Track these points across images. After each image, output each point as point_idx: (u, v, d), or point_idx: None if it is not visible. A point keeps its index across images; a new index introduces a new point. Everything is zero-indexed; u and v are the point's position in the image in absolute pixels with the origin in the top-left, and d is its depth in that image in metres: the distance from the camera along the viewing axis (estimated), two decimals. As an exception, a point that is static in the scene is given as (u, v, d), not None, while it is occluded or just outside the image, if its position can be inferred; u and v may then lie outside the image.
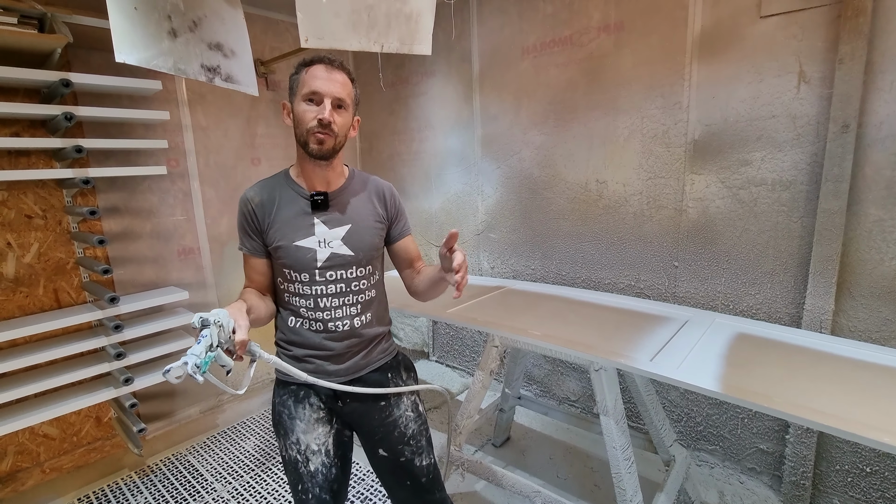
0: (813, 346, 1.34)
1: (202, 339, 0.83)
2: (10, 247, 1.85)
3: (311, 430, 1.13)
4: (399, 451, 1.20)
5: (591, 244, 2.24)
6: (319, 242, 1.09)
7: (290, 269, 1.09)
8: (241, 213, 1.11)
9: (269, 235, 1.09)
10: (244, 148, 2.60)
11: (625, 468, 1.40)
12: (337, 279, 1.10)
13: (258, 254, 1.12)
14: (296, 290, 1.11)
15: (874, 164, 1.51)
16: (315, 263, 1.08)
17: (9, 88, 1.78)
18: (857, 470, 1.66)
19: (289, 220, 1.09)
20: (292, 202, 1.10)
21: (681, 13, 1.81)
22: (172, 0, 1.42)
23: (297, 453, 1.12)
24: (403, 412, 1.21)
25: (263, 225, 1.09)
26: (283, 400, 1.15)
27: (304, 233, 1.08)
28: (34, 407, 1.80)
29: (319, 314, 1.11)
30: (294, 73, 1.07)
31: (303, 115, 1.03)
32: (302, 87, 1.04)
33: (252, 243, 1.12)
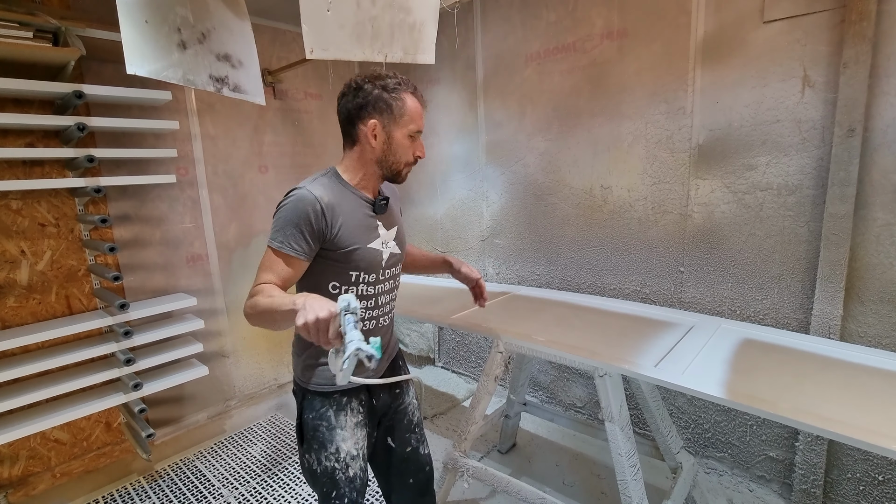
0: (821, 352, 1.33)
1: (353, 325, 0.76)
2: (24, 254, 1.88)
3: (352, 435, 1.13)
4: (406, 441, 1.26)
5: (596, 250, 2.23)
6: (383, 244, 1.13)
7: (361, 272, 1.10)
8: (304, 212, 1.00)
9: (339, 239, 1.04)
10: (252, 156, 2.63)
11: (630, 475, 1.39)
12: (391, 276, 1.17)
13: (305, 256, 1.03)
14: (360, 291, 1.11)
15: (881, 168, 1.50)
16: (381, 264, 1.13)
17: (24, 100, 1.83)
18: (869, 478, 1.64)
19: (358, 224, 1.09)
20: (357, 206, 1.10)
21: (684, 19, 1.82)
22: (182, 13, 1.45)
23: (336, 462, 1.10)
24: (411, 399, 1.30)
25: (333, 227, 1.03)
26: (322, 413, 1.11)
27: (373, 235, 1.11)
28: (46, 412, 1.82)
29: (376, 311, 1.16)
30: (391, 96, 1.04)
31: (406, 148, 1.09)
32: (409, 122, 1.06)
33: (304, 245, 1.01)
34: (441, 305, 1.96)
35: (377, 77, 1.05)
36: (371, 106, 1.04)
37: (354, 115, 1.06)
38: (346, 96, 1.07)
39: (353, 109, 1.06)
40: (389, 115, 1.05)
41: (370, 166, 1.10)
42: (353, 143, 1.10)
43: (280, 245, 1.01)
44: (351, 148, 1.11)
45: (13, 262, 1.86)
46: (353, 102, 1.06)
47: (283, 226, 1.01)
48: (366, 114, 1.05)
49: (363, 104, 1.05)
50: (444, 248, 2.96)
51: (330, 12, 1.23)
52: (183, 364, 2.19)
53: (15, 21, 1.62)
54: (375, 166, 1.10)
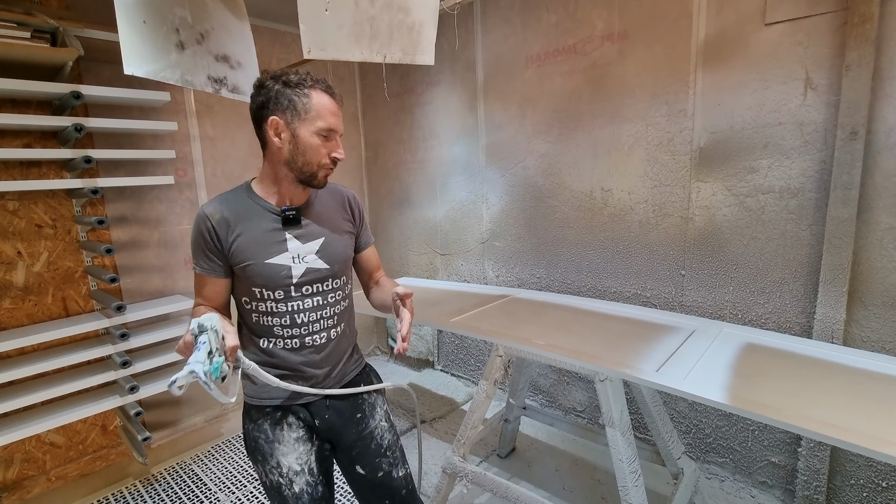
0: (824, 357, 1.32)
1: (201, 346, 0.81)
2: (21, 256, 1.87)
3: (292, 450, 1.08)
4: (377, 465, 1.18)
5: (596, 252, 2.22)
6: (293, 258, 1.05)
7: (261, 288, 1.04)
8: (198, 231, 1.02)
9: (233, 255, 1.02)
10: (251, 157, 2.62)
11: (631, 481, 1.38)
12: (313, 293, 1.08)
13: (216, 274, 1.04)
14: (268, 308, 1.06)
15: (884, 172, 1.48)
16: (290, 280, 1.05)
17: (22, 100, 1.82)
18: (873, 485, 1.62)
19: (257, 238, 1.03)
20: (259, 218, 1.04)
21: (685, 21, 1.81)
22: (180, 13, 1.45)
23: (280, 476, 1.07)
24: (378, 423, 1.21)
25: (225, 244, 1.02)
26: (258, 425, 1.10)
27: (276, 249, 1.04)
28: (41, 415, 1.81)
29: (296, 330, 1.08)
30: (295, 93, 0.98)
31: (316, 149, 1.00)
32: (315, 119, 0.99)
33: (210, 263, 1.04)
34: (440, 308, 1.95)
35: (280, 73, 1.00)
36: (273, 102, 0.98)
37: (259, 115, 1.01)
38: (251, 97, 1.02)
39: (255, 109, 1.01)
40: (293, 112, 0.98)
41: (280, 168, 1.03)
42: (264, 145, 1.04)
43: (194, 265, 1.06)
44: (264, 152, 1.05)
45: (9, 264, 1.85)
46: (256, 101, 1.00)
47: (191, 246, 1.06)
48: (268, 112, 0.99)
49: (265, 102, 0.99)
50: (444, 251, 2.95)
51: (328, 12, 1.22)
52: (180, 367, 2.17)
53: (13, 21, 1.61)
54: (285, 168, 1.03)
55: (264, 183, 1.07)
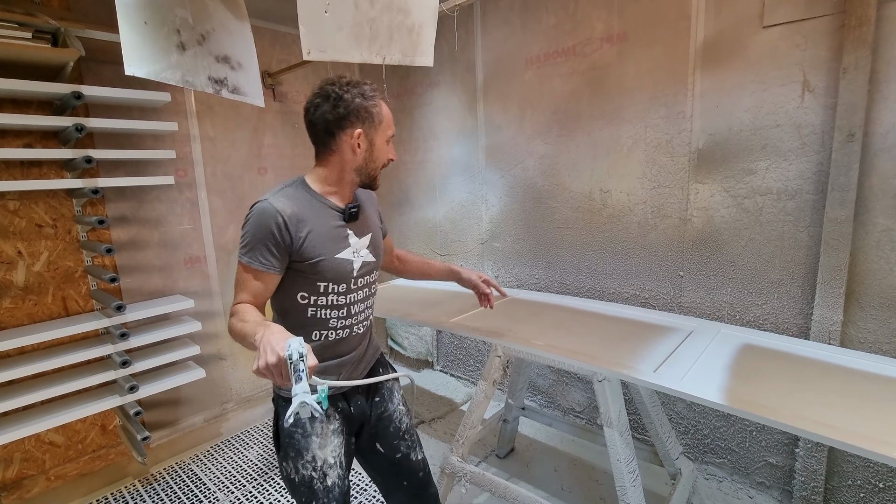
0: (821, 358, 1.32)
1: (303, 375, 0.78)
2: (21, 255, 1.88)
3: (328, 443, 1.11)
4: (395, 447, 1.24)
5: (595, 253, 2.23)
6: (353, 252, 1.12)
7: (329, 282, 1.08)
8: (267, 226, 1.00)
9: (304, 251, 1.03)
10: (251, 158, 2.63)
11: (629, 481, 1.38)
12: (364, 285, 1.16)
13: (274, 270, 1.03)
14: (329, 301, 1.10)
15: (881, 174, 1.49)
16: (352, 273, 1.11)
17: (22, 101, 1.82)
18: (870, 485, 1.62)
19: (326, 234, 1.07)
20: (325, 216, 1.08)
21: (683, 23, 1.82)
22: (181, 14, 1.45)
23: (313, 471, 1.09)
24: (396, 406, 1.27)
25: (296, 240, 1.02)
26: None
27: (342, 245, 1.10)
28: (40, 414, 1.81)
29: (349, 320, 1.14)
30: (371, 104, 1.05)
31: (385, 153, 1.11)
32: (387, 128, 1.09)
33: (271, 259, 1.01)
34: (439, 308, 1.95)
35: (353, 84, 1.05)
36: (354, 115, 1.04)
37: (335, 126, 1.04)
38: (322, 106, 1.04)
39: (333, 120, 1.04)
40: (371, 123, 1.06)
41: (348, 174, 1.09)
42: (330, 153, 1.08)
43: (249, 261, 1.01)
44: (326, 157, 1.09)
45: (10, 263, 1.85)
46: (334, 113, 1.03)
47: (249, 240, 1.01)
48: (348, 123, 1.04)
49: (345, 114, 1.03)
50: (444, 252, 2.96)
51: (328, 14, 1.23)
52: (179, 366, 2.18)
53: (14, 21, 1.62)
54: (354, 174, 1.09)
55: (323, 183, 1.10)
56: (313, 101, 1.06)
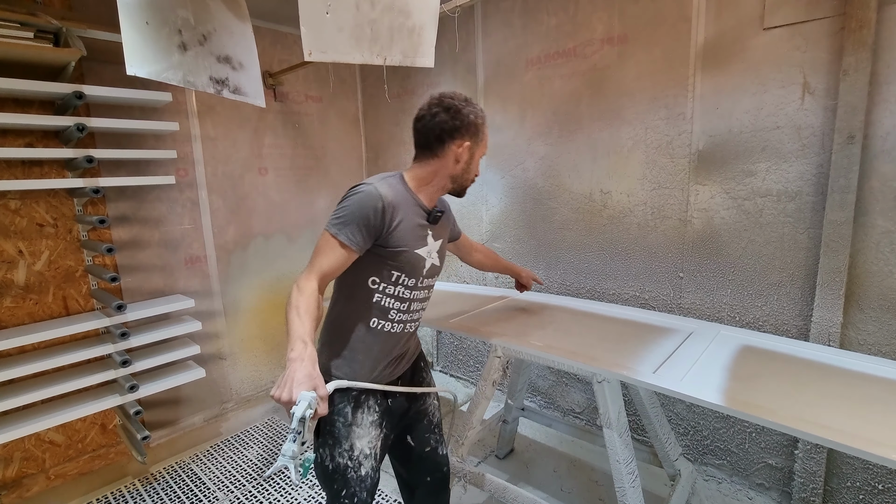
0: (821, 360, 1.32)
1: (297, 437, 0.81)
2: (22, 254, 1.88)
3: (367, 433, 1.15)
4: (426, 441, 1.32)
5: (595, 254, 2.23)
6: (428, 253, 1.18)
7: (403, 274, 1.14)
8: (368, 206, 1.06)
9: (391, 237, 1.09)
10: (252, 158, 2.63)
11: (628, 482, 1.38)
12: (426, 286, 1.22)
13: (356, 247, 1.07)
14: (396, 292, 1.15)
15: (881, 176, 1.49)
16: (422, 271, 1.18)
17: (24, 100, 1.83)
18: (869, 487, 1.63)
19: (411, 228, 1.13)
20: (413, 211, 1.15)
21: (684, 25, 1.82)
22: (183, 15, 1.46)
23: (349, 460, 1.12)
24: (432, 401, 1.35)
25: (389, 225, 1.08)
26: (340, 408, 1.14)
27: (422, 242, 1.16)
28: (41, 413, 1.81)
29: (407, 315, 1.20)
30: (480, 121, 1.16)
31: (476, 168, 1.22)
32: (484, 147, 1.20)
33: (358, 237, 1.06)
34: (439, 309, 1.96)
35: (469, 102, 1.15)
36: (465, 129, 1.13)
37: (447, 135, 1.13)
38: (440, 115, 1.13)
39: (448, 129, 1.13)
40: (476, 139, 1.16)
41: (443, 180, 1.17)
42: (434, 156, 1.16)
43: (337, 232, 1.06)
44: (427, 159, 1.17)
45: (11, 263, 1.85)
46: (451, 123, 1.12)
47: (344, 215, 1.06)
48: (459, 135, 1.13)
49: (460, 126, 1.13)
50: (444, 252, 2.96)
51: (329, 15, 1.23)
52: (179, 366, 2.18)
53: (16, 21, 1.62)
54: (448, 181, 1.18)
55: (418, 183, 1.17)
56: (431, 110, 1.14)
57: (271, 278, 2.78)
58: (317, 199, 3.00)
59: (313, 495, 2.00)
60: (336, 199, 3.12)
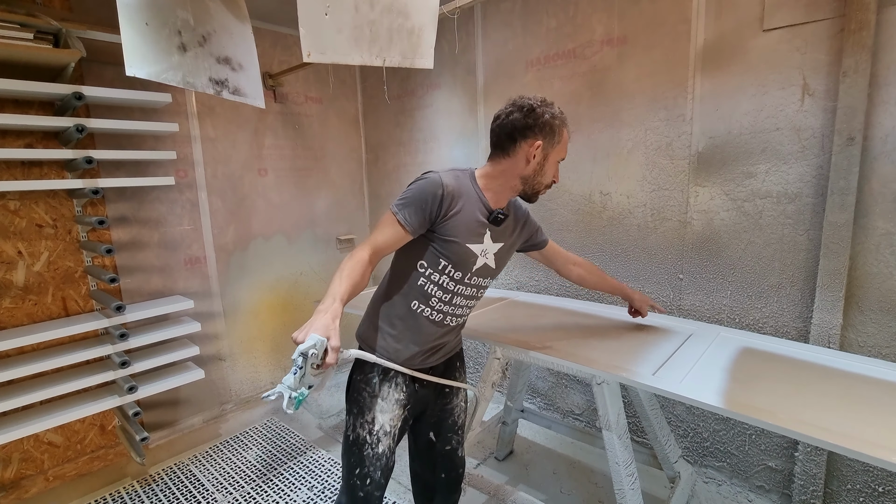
0: (820, 362, 1.32)
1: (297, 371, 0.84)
2: (21, 255, 1.88)
3: (390, 409, 1.17)
4: (447, 439, 1.32)
5: (595, 256, 2.23)
6: (482, 251, 1.17)
7: (450, 264, 1.14)
8: (428, 192, 1.09)
9: (445, 226, 1.11)
10: (251, 159, 2.64)
11: (628, 484, 1.38)
12: (476, 285, 1.21)
13: (410, 228, 1.09)
14: (441, 281, 1.15)
15: (881, 177, 1.49)
16: (472, 267, 1.17)
17: (24, 101, 1.83)
18: (870, 489, 1.62)
19: (468, 222, 1.13)
20: (475, 207, 1.14)
21: (683, 27, 1.82)
22: (183, 16, 1.46)
23: (368, 433, 1.15)
24: (459, 402, 1.35)
25: (445, 213, 1.10)
26: (369, 378, 1.17)
27: (476, 238, 1.16)
28: (40, 414, 1.81)
29: (448, 308, 1.19)
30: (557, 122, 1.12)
31: (553, 172, 1.17)
32: (561, 151, 1.15)
33: (418, 220, 1.09)
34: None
35: (547, 104, 1.13)
36: (538, 128, 1.11)
37: (519, 133, 1.12)
38: (514, 114, 1.12)
39: (520, 127, 1.11)
40: (551, 140, 1.12)
41: (513, 180, 1.15)
42: (505, 155, 1.15)
43: (396, 211, 1.10)
44: (500, 159, 1.16)
45: (10, 263, 1.85)
46: (523, 122, 1.11)
47: (407, 197, 1.10)
48: (531, 134, 1.11)
49: (532, 125, 1.11)
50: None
51: (328, 16, 1.23)
52: (179, 367, 2.18)
53: (16, 22, 1.62)
54: (518, 181, 1.15)
55: (488, 181, 1.17)
56: (507, 110, 1.14)
57: (271, 279, 2.78)
58: (316, 200, 3.01)
59: (312, 497, 1.99)
60: (335, 200, 3.13)
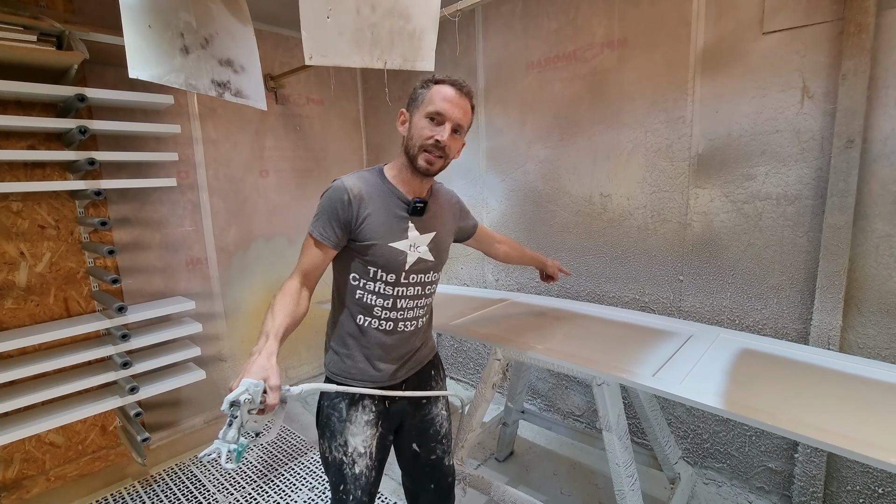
0: (820, 363, 1.32)
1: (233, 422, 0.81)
2: (23, 256, 1.89)
3: (361, 432, 1.14)
4: (431, 449, 1.27)
5: (595, 257, 2.23)
6: (410, 246, 1.12)
7: (378, 269, 1.10)
8: (335, 200, 1.07)
9: (361, 231, 1.08)
10: (253, 160, 2.64)
11: (628, 485, 1.38)
12: (417, 282, 1.15)
13: (330, 242, 1.08)
14: (376, 289, 1.11)
15: (880, 179, 1.50)
16: (404, 266, 1.12)
17: (27, 103, 1.84)
18: (869, 491, 1.62)
19: (385, 221, 1.10)
20: (389, 203, 1.11)
21: (683, 29, 1.83)
22: (185, 18, 1.46)
23: (344, 455, 1.13)
24: (440, 411, 1.29)
25: (358, 218, 1.07)
26: (335, 403, 1.15)
27: (399, 235, 1.11)
28: (41, 415, 1.82)
29: (394, 314, 1.14)
30: (420, 87, 1.09)
31: (421, 130, 1.07)
32: (427, 104, 1.07)
33: (331, 233, 1.07)
34: (440, 311, 1.95)
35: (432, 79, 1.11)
36: (409, 99, 1.12)
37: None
38: None
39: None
40: (415, 103, 1.09)
41: (402, 156, 1.12)
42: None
43: (312, 230, 1.09)
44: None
45: (12, 264, 1.86)
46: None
47: (318, 212, 1.09)
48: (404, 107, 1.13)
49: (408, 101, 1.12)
50: (444, 254, 2.96)
51: (330, 19, 1.24)
52: (180, 368, 2.19)
53: (19, 25, 1.63)
54: (404, 154, 1.11)
55: (395, 172, 1.14)
56: None
57: (272, 280, 2.79)
58: (318, 202, 3.01)
59: (313, 497, 2.00)
60: (337, 201, 3.13)
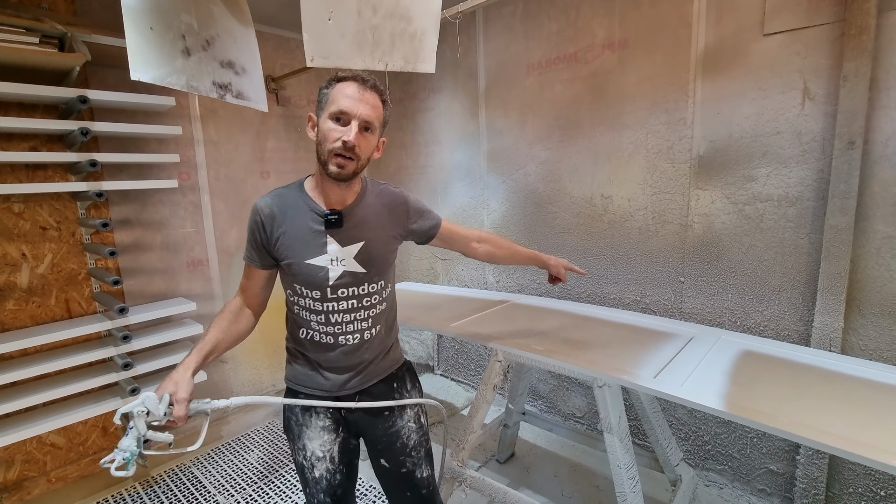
0: (821, 365, 1.32)
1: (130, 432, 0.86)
2: (25, 257, 1.89)
3: (317, 437, 1.15)
4: (400, 463, 1.20)
5: (596, 259, 2.23)
6: (332, 261, 1.06)
7: (301, 286, 1.08)
8: (252, 222, 1.08)
9: (277, 250, 1.07)
10: (254, 162, 2.65)
11: (629, 487, 1.38)
12: (349, 296, 1.09)
13: (255, 264, 1.11)
14: (307, 304, 1.10)
15: (881, 181, 1.50)
16: (327, 282, 1.06)
17: (29, 104, 1.84)
18: (871, 493, 1.62)
19: (300, 237, 1.05)
20: (304, 217, 1.06)
21: (684, 31, 1.83)
22: (187, 20, 1.47)
23: (304, 458, 1.15)
24: (406, 423, 1.21)
25: (271, 238, 1.06)
26: (292, 407, 1.16)
27: (316, 251, 1.05)
28: (42, 416, 1.82)
29: (331, 328, 1.10)
30: (324, 87, 1.02)
31: (327, 133, 0.99)
32: (330, 105, 0.99)
33: (254, 253, 1.10)
34: (440, 313, 1.96)
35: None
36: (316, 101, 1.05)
37: None
38: None
39: None
40: (320, 107, 1.02)
41: (317, 164, 1.05)
42: None
43: (245, 255, 1.13)
44: None
45: (14, 265, 1.86)
46: None
47: (248, 234, 1.11)
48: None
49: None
50: (445, 256, 2.96)
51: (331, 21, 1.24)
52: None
53: (22, 27, 1.64)
54: (318, 161, 1.04)
55: (314, 182, 1.10)
56: None
57: (273, 281, 2.79)
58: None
59: (313, 499, 1.99)
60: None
